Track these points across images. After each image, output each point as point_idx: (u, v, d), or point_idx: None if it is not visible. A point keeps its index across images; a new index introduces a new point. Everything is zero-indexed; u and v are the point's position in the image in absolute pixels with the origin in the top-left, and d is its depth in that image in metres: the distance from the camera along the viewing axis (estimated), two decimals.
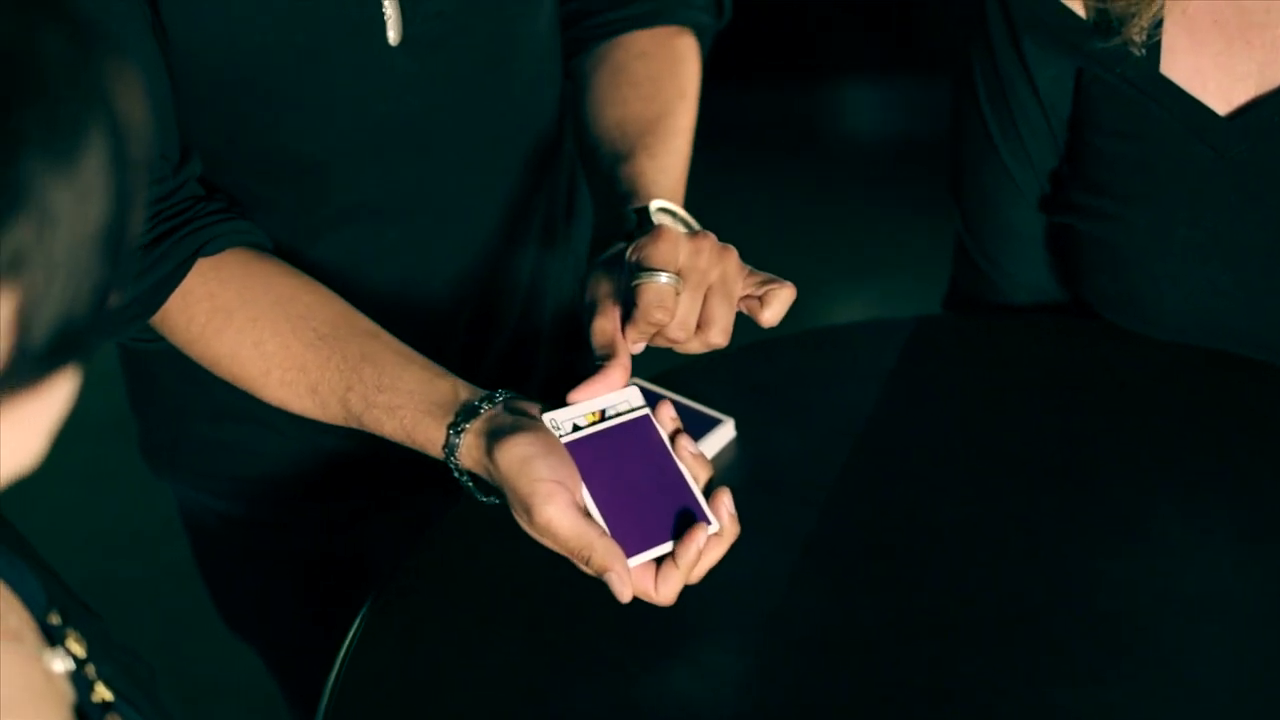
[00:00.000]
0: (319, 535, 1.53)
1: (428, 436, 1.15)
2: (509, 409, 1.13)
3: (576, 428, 1.11)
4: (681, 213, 1.25)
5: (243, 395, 1.27)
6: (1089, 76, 1.36)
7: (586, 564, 1.07)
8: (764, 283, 1.15)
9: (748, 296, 1.15)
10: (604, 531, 1.07)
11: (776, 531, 1.20)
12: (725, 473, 1.25)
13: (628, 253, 1.14)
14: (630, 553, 1.07)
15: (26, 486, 0.86)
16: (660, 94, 1.39)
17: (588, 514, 1.09)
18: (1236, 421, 1.29)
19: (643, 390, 1.27)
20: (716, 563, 1.09)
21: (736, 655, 1.15)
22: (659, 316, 1.11)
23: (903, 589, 1.16)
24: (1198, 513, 1.21)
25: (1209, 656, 1.10)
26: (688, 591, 1.11)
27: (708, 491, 1.11)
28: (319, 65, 1.27)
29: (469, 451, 1.12)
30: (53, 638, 0.86)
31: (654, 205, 1.24)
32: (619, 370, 1.14)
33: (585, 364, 1.23)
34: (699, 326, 1.13)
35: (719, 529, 1.08)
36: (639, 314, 1.12)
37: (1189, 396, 1.32)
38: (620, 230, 1.24)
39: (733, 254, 1.15)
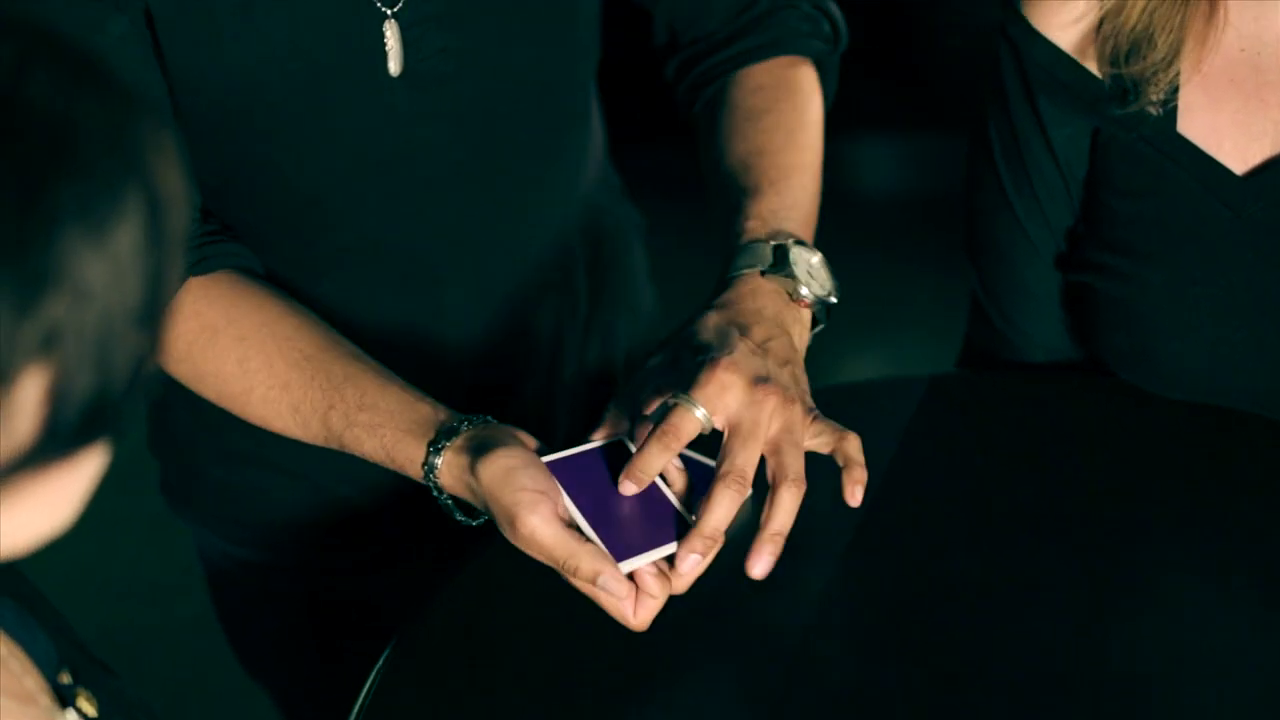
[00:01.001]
0: (332, 580, 1.53)
1: (407, 455, 1.16)
2: (490, 429, 1.14)
3: None
4: (804, 255, 1.23)
5: (253, 439, 1.27)
6: (1105, 136, 1.36)
7: (575, 574, 1.07)
8: (832, 432, 1.14)
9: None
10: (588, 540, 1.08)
11: (791, 589, 1.19)
12: (740, 529, 1.24)
13: (694, 368, 1.12)
14: (620, 558, 1.07)
15: None
16: (781, 126, 1.36)
17: (573, 525, 1.09)
18: (1253, 482, 1.28)
19: None
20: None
21: (753, 713, 1.14)
22: (672, 443, 1.10)
23: (918, 647, 1.15)
24: (1215, 574, 1.20)
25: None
26: (703, 650, 1.12)
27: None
28: (316, 96, 1.27)
29: (449, 468, 1.13)
30: (64, 698, 0.86)
31: (793, 245, 1.22)
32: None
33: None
34: (775, 480, 1.11)
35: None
36: (654, 436, 1.10)
37: (1205, 457, 1.31)
38: (756, 265, 1.21)
39: (798, 405, 1.13)
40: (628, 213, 1.60)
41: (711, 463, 1.26)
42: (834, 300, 1.24)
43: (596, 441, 1.16)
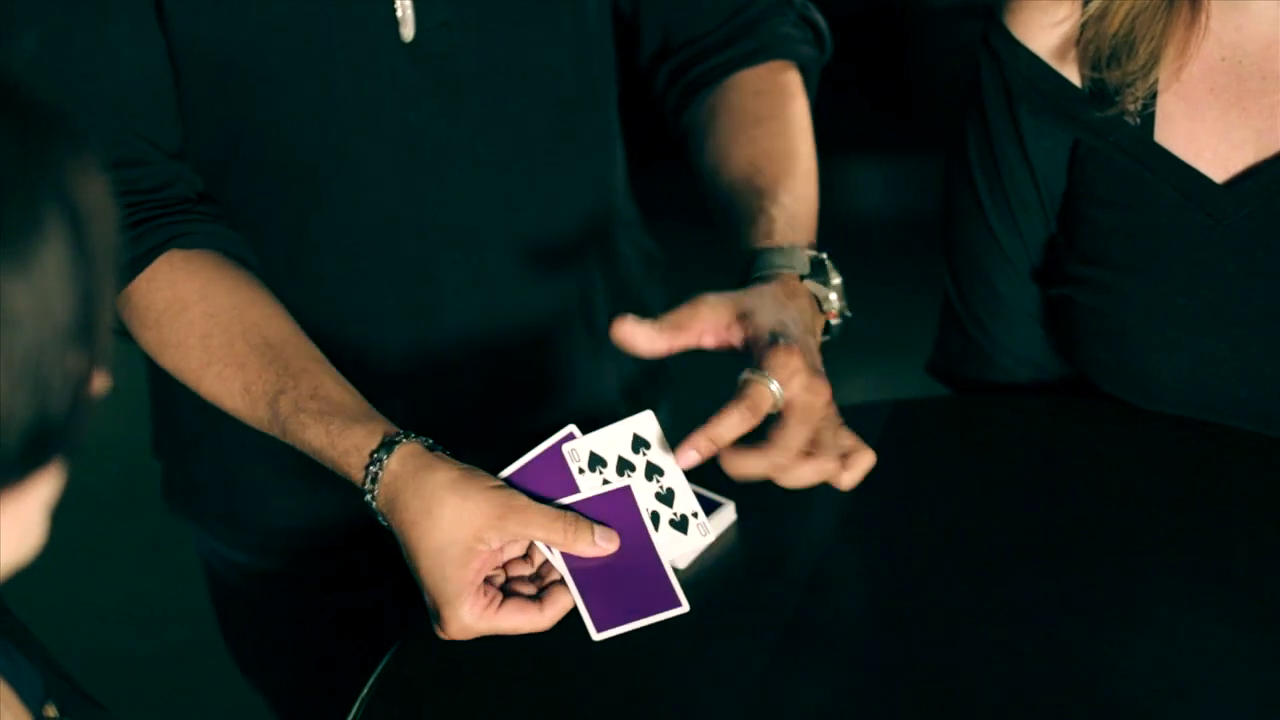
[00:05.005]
0: (330, 590, 1.53)
1: (353, 442, 1.16)
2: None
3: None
4: (833, 272, 1.27)
5: (259, 439, 1.27)
6: (1085, 148, 1.36)
7: (573, 543, 1.11)
8: (854, 440, 1.19)
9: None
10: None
11: (776, 615, 1.19)
12: (725, 556, 1.24)
13: (759, 350, 1.16)
14: (602, 628, 1.11)
15: (31, 564, 0.86)
16: (784, 133, 1.40)
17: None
18: (1237, 501, 1.27)
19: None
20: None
21: None
22: (751, 420, 1.14)
23: (904, 674, 1.15)
24: (1201, 597, 1.19)
25: None
26: (684, 674, 1.12)
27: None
28: (321, 60, 1.29)
29: (408, 455, 1.13)
30: None
31: (830, 261, 1.27)
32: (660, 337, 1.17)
33: None
34: (813, 453, 1.16)
35: (687, 610, 1.11)
36: (734, 404, 1.14)
37: (1190, 477, 1.30)
38: (795, 270, 1.25)
39: (833, 406, 1.18)
40: (647, 247, 1.60)
41: (706, 493, 1.27)
42: (847, 317, 1.28)
43: (606, 486, 1.16)
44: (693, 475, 1.25)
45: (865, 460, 1.18)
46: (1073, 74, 1.35)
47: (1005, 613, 1.18)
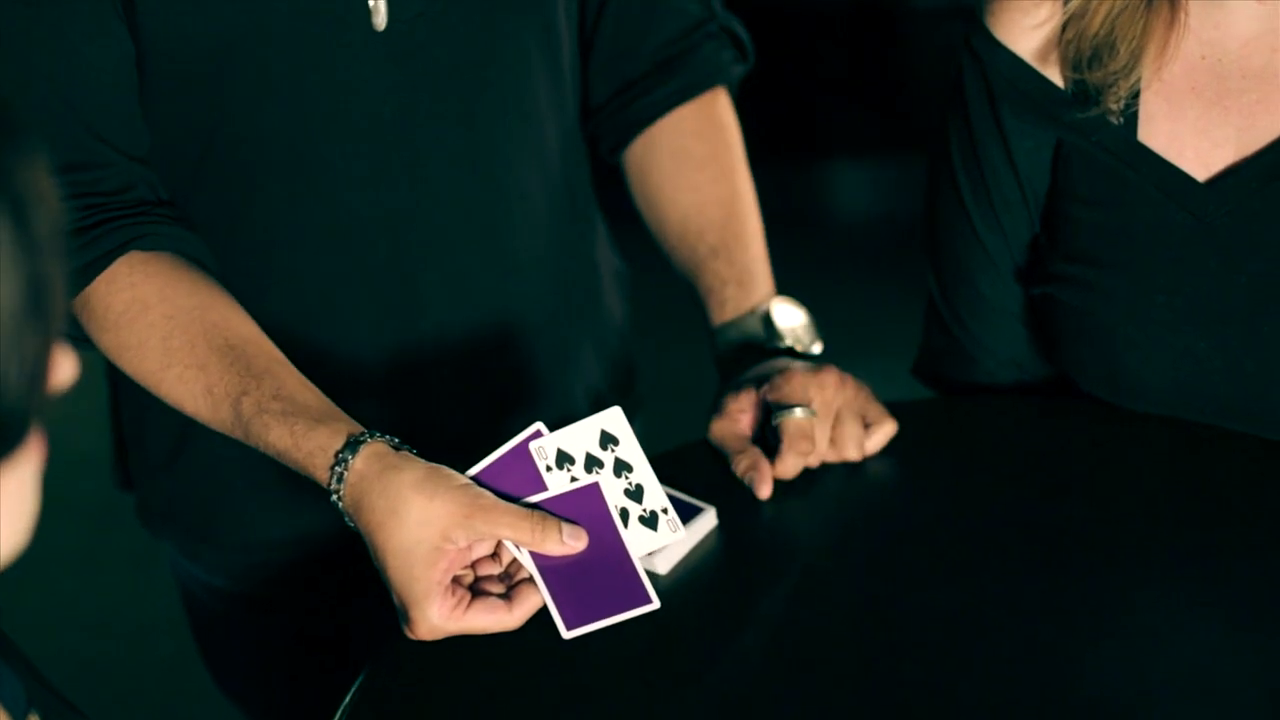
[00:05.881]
0: (305, 610, 1.52)
1: (318, 444, 1.15)
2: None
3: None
4: (792, 305, 1.42)
5: (233, 451, 1.26)
6: (1068, 147, 1.36)
7: (540, 543, 1.12)
8: (876, 413, 1.32)
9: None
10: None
11: (758, 620, 1.19)
12: (707, 561, 1.24)
13: (761, 391, 1.30)
14: (572, 626, 1.12)
15: (19, 571, 0.86)
16: (726, 172, 1.46)
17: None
18: (1225, 502, 1.27)
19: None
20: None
21: None
22: (804, 446, 1.27)
23: (886, 678, 1.14)
24: (1189, 597, 1.19)
25: None
26: (668, 681, 1.12)
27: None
28: (297, 54, 1.28)
29: (374, 455, 1.13)
30: None
31: (774, 310, 1.40)
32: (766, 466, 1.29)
33: None
34: (833, 443, 1.30)
35: (658, 607, 1.12)
36: (786, 447, 1.27)
37: (1176, 478, 1.30)
38: (751, 338, 1.39)
39: (849, 380, 1.32)
40: (613, 262, 1.60)
41: (687, 498, 1.27)
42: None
43: (574, 483, 1.16)
44: (673, 480, 1.25)
45: (887, 429, 1.32)
46: (1055, 75, 1.35)
47: (991, 614, 1.18)
